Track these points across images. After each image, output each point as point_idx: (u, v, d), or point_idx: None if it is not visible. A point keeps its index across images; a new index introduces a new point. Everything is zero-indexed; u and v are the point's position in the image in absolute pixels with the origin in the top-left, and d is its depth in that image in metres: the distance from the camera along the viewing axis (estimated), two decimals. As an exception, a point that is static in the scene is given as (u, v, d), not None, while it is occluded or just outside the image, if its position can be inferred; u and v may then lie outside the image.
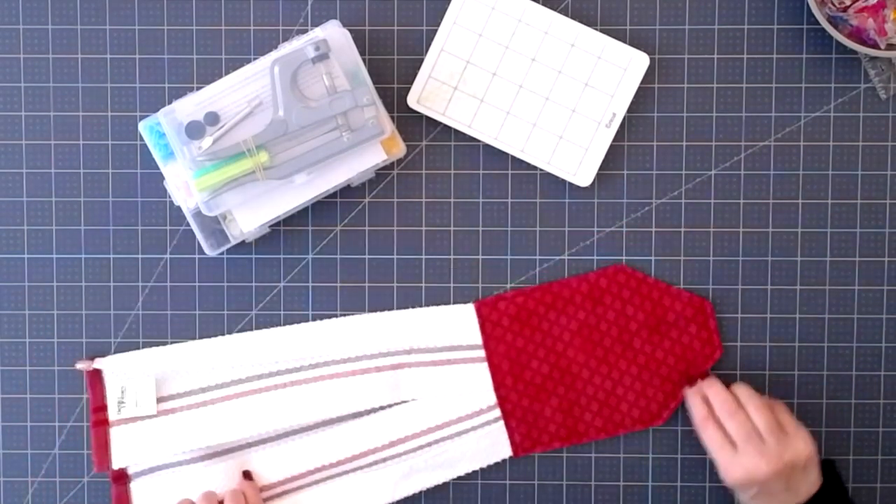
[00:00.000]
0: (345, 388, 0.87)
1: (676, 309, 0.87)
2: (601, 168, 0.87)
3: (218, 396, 0.87)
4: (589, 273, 0.88)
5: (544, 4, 0.86)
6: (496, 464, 0.88)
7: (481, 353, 0.87)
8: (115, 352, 0.88)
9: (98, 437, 0.86)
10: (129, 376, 0.86)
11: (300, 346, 0.87)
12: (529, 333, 0.87)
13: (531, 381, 0.87)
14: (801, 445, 0.79)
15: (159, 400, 0.87)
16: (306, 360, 0.87)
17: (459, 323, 0.87)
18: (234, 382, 0.87)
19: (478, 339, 0.87)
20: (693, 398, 0.84)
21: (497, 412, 0.87)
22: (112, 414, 0.86)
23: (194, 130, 0.79)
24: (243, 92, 0.80)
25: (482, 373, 0.87)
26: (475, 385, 0.87)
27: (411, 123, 0.88)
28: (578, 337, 0.87)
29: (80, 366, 0.86)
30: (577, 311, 0.87)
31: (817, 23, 0.84)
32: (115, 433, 0.86)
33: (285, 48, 0.80)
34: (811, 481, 0.80)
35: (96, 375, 0.87)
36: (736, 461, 0.79)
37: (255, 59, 0.83)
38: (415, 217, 0.88)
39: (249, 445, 0.87)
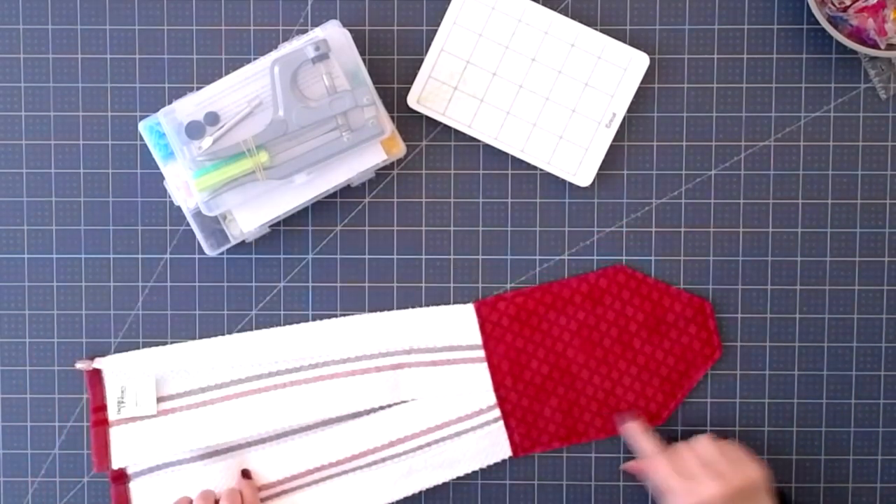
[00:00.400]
0: (344, 388, 0.87)
1: (676, 309, 0.87)
2: (601, 168, 0.87)
3: (218, 396, 0.87)
4: (589, 273, 0.88)
5: (544, 4, 0.86)
6: (496, 464, 0.88)
7: (481, 353, 0.87)
8: (115, 352, 0.88)
9: (98, 436, 0.86)
10: (128, 376, 0.86)
11: (300, 346, 0.87)
12: (529, 333, 0.87)
13: (531, 381, 0.87)
14: (752, 471, 0.80)
15: (159, 400, 0.87)
16: (306, 360, 0.87)
17: (459, 323, 0.87)
18: (234, 382, 0.87)
19: (477, 339, 0.87)
20: (637, 433, 0.85)
21: (497, 412, 0.87)
22: (112, 414, 0.86)
23: (194, 130, 0.79)
24: (243, 92, 0.80)
25: (482, 373, 0.87)
26: (475, 385, 0.87)
27: (411, 123, 0.88)
28: (578, 337, 0.87)
29: (79, 365, 0.86)
30: (577, 312, 0.87)
31: (817, 23, 0.84)
32: (114, 433, 0.86)
33: (285, 48, 0.80)
34: None
35: (96, 375, 0.87)
36: (689, 487, 0.79)
37: (255, 59, 0.83)
38: (415, 217, 0.88)
39: (249, 445, 0.87)
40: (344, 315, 0.88)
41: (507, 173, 0.88)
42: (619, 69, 0.86)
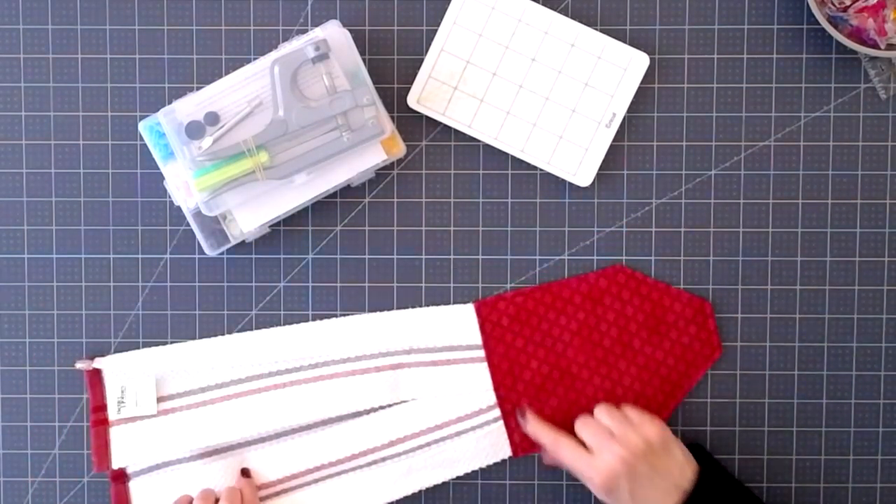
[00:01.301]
0: (344, 388, 0.87)
1: (676, 309, 0.87)
2: (601, 168, 0.87)
3: (218, 396, 0.87)
4: (588, 273, 0.88)
5: (544, 4, 0.86)
6: (496, 464, 0.88)
7: (481, 353, 0.87)
8: (115, 352, 0.88)
9: (98, 436, 0.86)
10: (128, 376, 0.86)
11: (300, 346, 0.87)
12: (529, 333, 0.87)
13: (531, 381, 0.87)
14: (648, 428, 0.80)
15: (159, 399, 0.87)
16: (306, 360, 0.87)
17: (459, 323, 0.87)
18: (234, 382, 0.87)
19: (477, 339, 0.87)
20: (537, 426, 0.85)
21: (497, 412, 0.87)
22: (112, 414, 0.86)
23: (194, 130, 0.79)
24: (243, 92, 0.80)
25: (482, 373, 0.87)
26: (475, 385, 0.87)
27: (411, 123, 0.88)
28: (578, 337, 0.87)
29: (79, 365, 0.86)
30: (577, 312, 0.87)
31: (817, 23, 0.84)
32: (114, 433, 0.86)
33: (285, 48, 0.80)
34: (679, 461, 0.80)
35: (96, 375, 0.87)
36: (594, 463, 0.80)
37: (255, 59, 0.83)
38: (415, 217, 0.88)
39: (248, 444, 0.87)
40: (344, 315, 0.88)
41: (507, 173, 0.88)
42: (619, 69, 0.86)
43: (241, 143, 0.79)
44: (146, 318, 0.88)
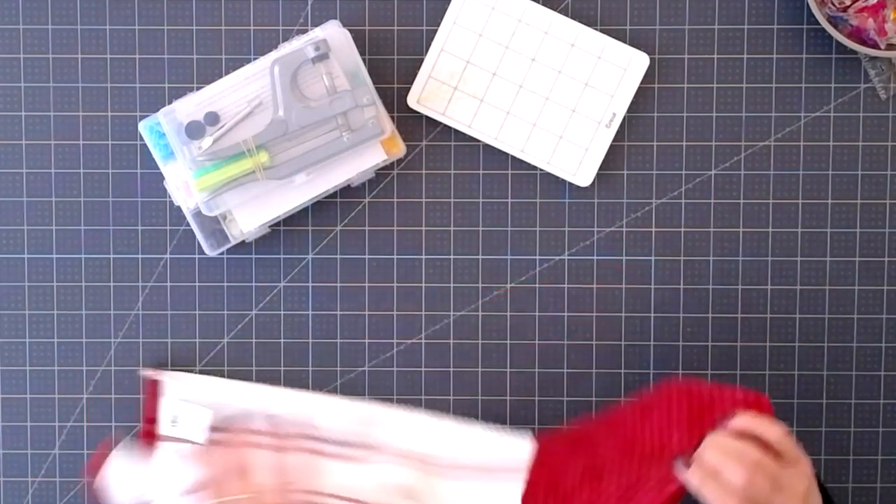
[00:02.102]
0: (373, 474, 0.85)
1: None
2: (601, 168, 0.87)
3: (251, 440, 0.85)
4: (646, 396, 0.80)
5: (544, 4, 0.86)
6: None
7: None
8: (115, 351, 0.88)
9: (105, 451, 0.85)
10: (188, 402, 0.85)
11: (357, 422, 0.85)
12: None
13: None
14: (795, 485, 0.71)
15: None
16: (350, 437, 0.85)
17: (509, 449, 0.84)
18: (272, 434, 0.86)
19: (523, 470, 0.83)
20: (693, 476, 0.72)
21: None
22: (163, 429, 0.85)
23: (194, 130, 0.79)
24: (243, 92, 0.80)
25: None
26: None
27: (411, 123, 0.88)
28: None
29: (145, 374, 0.86)
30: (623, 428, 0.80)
31: (817, 23, 0.84)
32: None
33: (285, 48, 0.80)
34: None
35: (156, 387, 0.86)
36: None
37: (255, 59, 0.83)
38: (415, 217, 0.88)
39: None
40: (348, 319, 0.88)
41: (507, 173, 0.88)
42: (619, 69, 0.86)
43: (241, 143, 0.79)
44: (146, 318, 0.88)
